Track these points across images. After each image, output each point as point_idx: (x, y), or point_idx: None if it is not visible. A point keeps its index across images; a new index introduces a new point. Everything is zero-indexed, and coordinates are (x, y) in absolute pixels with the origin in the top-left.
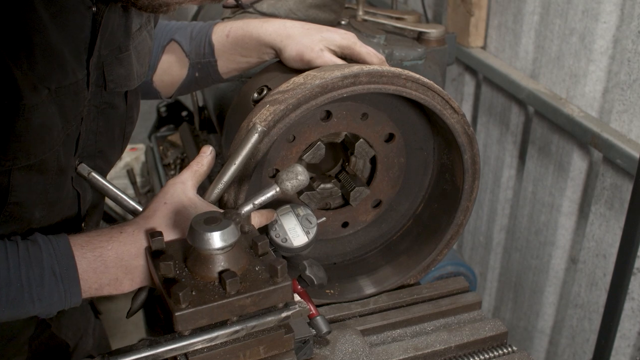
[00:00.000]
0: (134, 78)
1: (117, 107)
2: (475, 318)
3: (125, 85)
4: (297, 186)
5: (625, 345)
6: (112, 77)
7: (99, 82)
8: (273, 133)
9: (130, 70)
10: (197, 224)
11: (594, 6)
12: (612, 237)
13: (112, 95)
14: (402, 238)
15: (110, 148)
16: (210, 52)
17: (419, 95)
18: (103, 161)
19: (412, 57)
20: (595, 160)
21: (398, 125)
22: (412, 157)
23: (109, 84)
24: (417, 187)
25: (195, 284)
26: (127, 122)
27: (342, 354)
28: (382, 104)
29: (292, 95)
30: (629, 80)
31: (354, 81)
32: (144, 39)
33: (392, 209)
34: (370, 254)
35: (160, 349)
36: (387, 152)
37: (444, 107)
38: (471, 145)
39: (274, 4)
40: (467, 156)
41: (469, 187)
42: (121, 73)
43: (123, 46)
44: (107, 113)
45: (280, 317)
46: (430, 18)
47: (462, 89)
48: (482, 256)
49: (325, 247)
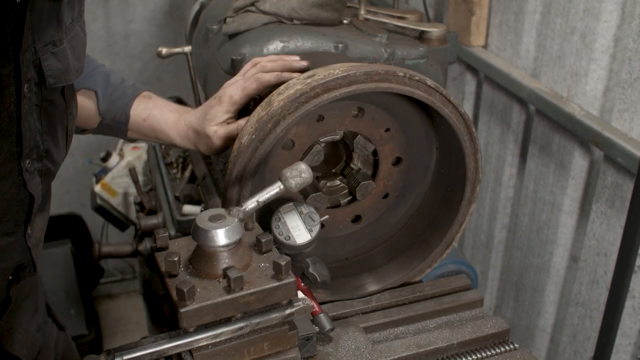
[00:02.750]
0: (72, 72)
1: (57, 104)
2: (477, 315)
3: (64, 79)
4: (300, 184)
5: (627, 343)
6: (51, 72)
7: (38, 79)
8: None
9: (67, 64)
10: (201, 221)
11: (595, 5)
12: (613, 235)
13: (51, 91)
14: (405, 235)
15: (55, 148)
16: (124, 121)
17: (420, 94)
18: (50, 162)
19: (413, 56)
20: (596, 159)
21: (397, 119)
22: (413, 152)
23: (49, 80)
24: (420, 183)
25: (200, 281)
26: (68, 119)
27: (345, 351)
28: (377, 101)
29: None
30: (630, 79)
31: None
32: (77, 34)
33: (397, 204)
34: (374, 250)
35: (165, 345)
36: (386, 145)
37: (444, 104)
38: (472, 142)
39: (276, 3)
40: (469, 154)
41: (470, 186)
42: (59, 68)
43: (57, 40)
44: (49, 111)
45: (284, 314)
46: (432, 17)
47: (464, 87)
48: (484, 255)
49: (337, 243)
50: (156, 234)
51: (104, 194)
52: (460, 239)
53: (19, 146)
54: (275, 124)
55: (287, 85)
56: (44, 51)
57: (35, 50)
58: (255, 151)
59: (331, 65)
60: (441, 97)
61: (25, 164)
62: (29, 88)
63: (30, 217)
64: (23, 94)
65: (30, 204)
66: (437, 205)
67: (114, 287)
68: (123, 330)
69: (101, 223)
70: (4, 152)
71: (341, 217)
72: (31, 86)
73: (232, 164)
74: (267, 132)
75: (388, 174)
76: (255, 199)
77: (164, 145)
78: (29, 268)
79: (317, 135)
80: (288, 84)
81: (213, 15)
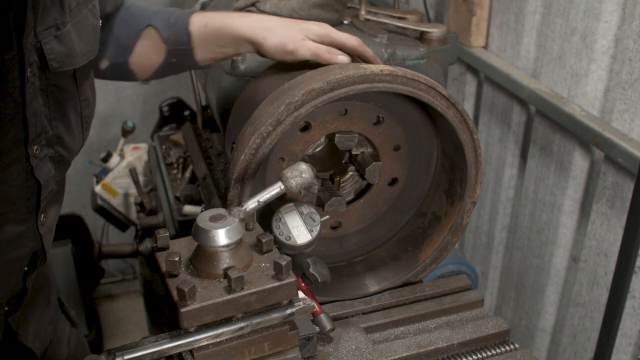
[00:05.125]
0: (77, 56)
1: (67, 89)
2: (477, 316)
3: (68, 63)
4: (301, 184)
5: (627, 343)
6: (54, 56)
7: (41, 63)
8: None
9: (71, 48)
10: (202, 221)
11: (595, 5)
12: (614, 236)
13: (58, 76)
14: (406, 235)
15: (68, 134)
16: (187, 41)
17: (422, 95)
18: (63, 149)
19: (414, 57)
20: (596, 160)
21: (386, 109)
22: (411, 136)
23: (52, 63)
24: (426, 167)
25: (201, 281)
26: (82, 105)
27: (346, 351)
28: (361, 97)
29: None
30: (631, 80)
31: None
32: (84, 17)
33: (408, 188)
34: (375, 250)
35: (166, 345)
36: (379, 133)
37: (429, 92)
38: (465, 123)
39: (276, 4)
40: (469, 154)
41: (472, 163)
42: (62, 51)
43: (60, 23)
44: (57, 96)
45: (284, 314)
46: (432, 17)
47: (464, 88)
48: (484, 255)
49: (356, 238)
50: (157, 234)
51: (105, 195)
52: (461, 239)
53: (25, 132)
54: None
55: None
56: (45, 34)
57: (35, 33)
58: (257, 151)
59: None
60: (439, 95)
61: (32, 149)
62: (32, 72)
63: (39, 204)
64: (27, 77)
65: (39, 191)
66: (437, 205)
67: (114, 287)
68: (124, 331)
69: (102, 223)
70: (10, 137)
71: (353, 214)
72: (34, 70)
73: (233, 164)
74: (268, 133)
75: (390, 160)
76: (255, 199)
77: (227, 58)
78: (42, 257)
79: (302, 145)
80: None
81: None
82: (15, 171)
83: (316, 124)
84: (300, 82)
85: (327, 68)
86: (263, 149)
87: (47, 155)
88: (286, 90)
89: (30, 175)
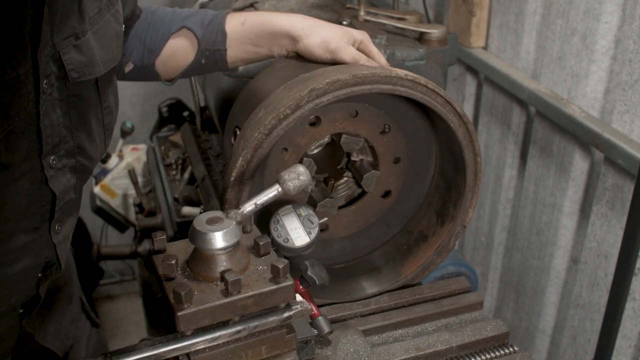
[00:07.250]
0: (98, 64)
1: (88, 98)
2: (476, 318)
3: (89, 73)
4: (298, 186)
5: (627, 345)
6: (73, 66)
7: (60, 73)
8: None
9: (91, 57)
10: (199, 224)
11: (595, 6)
12: (614, 237)
13: (78, 85)
14: (405, 237)
15: (90, 144)
16: (221, 41)
17: (418, 95)
18: (84, 158)
19: (413, 58)
20: (596, 161)
21: (394, 119)
22: (413, 151)
23: (71, 74)
24: (420, 184)
25: (198, 284)
26: (104, 112)
27: (344, 354)
28: (374, 102)
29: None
30: (631, 81)
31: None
32: (106, 23)
33: (399, 203)
34: (374, 253)
35: (162, 349)
36: (383, 143)
37: (445, 106)
38: (472, 144)
39: (275, 4)
40: (470, 176)
41: (470, 187)
42: (82, 60)
43: (79, 32)
44: (78, 106)
45: (282, 317)
46: (432, 18)
47: (464, 89)
48: (484, 256)
49: (352, 241)
50: (154, 236)
51: (104, 196)
52: (460, 240)
53: (39, 143)
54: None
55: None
56: (63, 44)
57: (53, 44)
58: (270, 132)
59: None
60: (453, 111)
61: (48, 160)
62: (48, 83)
63: (53, 214)
64: (42, 89)
65: (53, 200)
66: (426, 224)
67: (113, 288)
68: (123, 332)
69: (100, 224)
70: (23, 149)
71: (344, 218)
72: (52, 81)
73: (231, 166)
74: (285, 116)
75: (388, 172)
76: (253, 202)
77: (259, 59)
78: (55, 266)
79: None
80: None
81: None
82: (28, 182)
83: (326, 121)
84: (322, 73)
85: (352, 64)
86: (278, 131)
87: (67, 166)
88: (306, 79)
89: (44, 185)
